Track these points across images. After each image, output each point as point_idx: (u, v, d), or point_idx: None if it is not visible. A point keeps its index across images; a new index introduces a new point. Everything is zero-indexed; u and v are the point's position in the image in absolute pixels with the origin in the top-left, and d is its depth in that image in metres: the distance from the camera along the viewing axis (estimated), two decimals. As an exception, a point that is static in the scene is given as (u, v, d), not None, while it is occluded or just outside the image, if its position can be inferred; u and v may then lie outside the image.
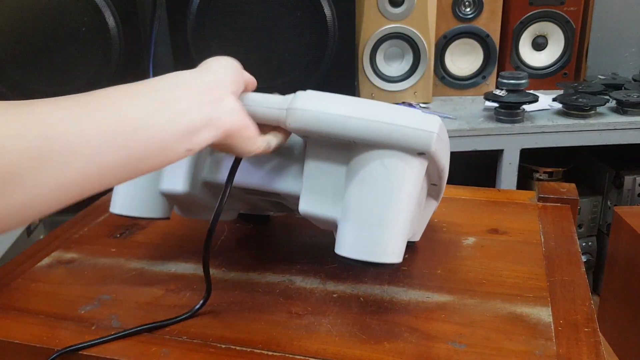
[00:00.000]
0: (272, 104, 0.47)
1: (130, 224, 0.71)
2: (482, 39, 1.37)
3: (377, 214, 0.46)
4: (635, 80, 1.42)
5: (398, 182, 0.46)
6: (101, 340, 0.48)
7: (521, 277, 0.58)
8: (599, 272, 1.46)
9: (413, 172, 0.46)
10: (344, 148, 0.48)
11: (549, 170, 1.43)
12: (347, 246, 0.47)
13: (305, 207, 0.49)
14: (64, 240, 0.68)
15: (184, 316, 0.51)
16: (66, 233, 0.69)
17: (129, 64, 1.22)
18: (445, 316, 0.51)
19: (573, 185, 0.77)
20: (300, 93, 0.46)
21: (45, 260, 0.63)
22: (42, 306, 0.54)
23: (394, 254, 0.47)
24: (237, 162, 0.49)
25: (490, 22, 1.36)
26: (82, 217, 0.74)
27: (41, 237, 1.10)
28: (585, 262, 1.44)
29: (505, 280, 0.57)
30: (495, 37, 1.37)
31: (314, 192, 0.49)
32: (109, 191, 0.81)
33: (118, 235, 0.68)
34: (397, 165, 0.46)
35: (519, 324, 0.50)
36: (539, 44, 1.42)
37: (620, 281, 0.82)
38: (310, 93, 0.46)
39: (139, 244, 0.66)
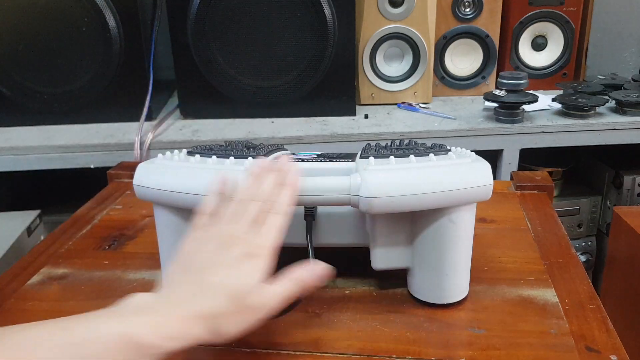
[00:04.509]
0: (336, 190, 0.48)
1: (117, 235, 0.70)
2: (482, 39, 1.38)
3: (450, 263, 0.51)
4: (634, 80, 1.43)
5: (464, 232, 0.51)
6: None
7: (519, 262, 0.60)
8: (599, 272, 1.47)
9: (472, 216, 0.51)
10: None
11: (549, 170, 1.43)
12: (425, 293, 0.53)
13: (378, 264, 0.53)
14: (50, 255, 0.65)
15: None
16: (50, 248, 0.67)
17: (129, 64, 1.22)
18: (458, 304, 0.53)
19: (546, 173, 0.80)
20: (365, 177, 0.47)
21: (35, 278, 0.61)
22: None
23: (466, 289, 0.53)
24: (309, 223, 0.52)
25: (490, 22, 1.36)
26: (64, 230, 0.71)
27: (42, 237, 1.10)
28: (584, 262, 1.45)
29: (505, 265, 0.59)
30: (495, 37, 1.38)
31: (383, 250, 0.52)
32: (86, 200, 0.81)
33: (107, 247, 0.67)
34: (462, 217, 0.50)
35: (528, 306, 0.52)
36: (539, 44, 1.42)
37: (620, 281, 0.82)
38: (373, 176, 0.47)
39: (132, 255, 0.65)
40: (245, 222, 0.43)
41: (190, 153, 0.55)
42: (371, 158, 0.51)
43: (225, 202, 0.45)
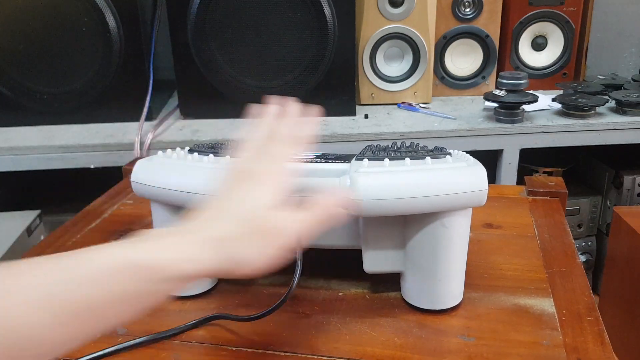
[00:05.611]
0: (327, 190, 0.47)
1: (124, 230, 0.70)
2: (482, 39, 1.37)
3: (443, 268, 0.50)
4: (634, 80, 1.43)
5: (458, 237, 0.50)
6: (110, 350, 0.47)
7: (520, 269, 0.59)
8: (599, 272, 1.47)
9: (467, 221, 0.50)
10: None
11: (549, 170, 1.44)
12: (418, 298, 0.52)
13: (370, 267, 0.52)
14: (57, 247, 0.66)
15: (198, 320, 0.51)
16: (59, 240, 0.68)
17: (129, 64, 1.22)
18: (451, 310, 0.52)
19: (560, 178, 0.78)
20: (354, 179, 0.47)
21: None
22: None
23: (460, 296, 0.52)
24: None
25: (490, 22, 1.36)
26: (74, 223, 0.72)
27: (42, 237, 1.10)
28: (584, 262, 1.45)
29: (505, 273, 0.58)
30: (495, 37, 1.37)
31: (375, 254, 0.52)
32: (98, 196, 0.81)
33: (113, 241, 0.67)
34: (455, 221, 0.49)
35: (523, 315, 0.51)
36: (539, 44, 1.42)
37: (620, 281, 0.83)
38: (363, 178, 0.47)
39: None
40: (260, 156, 0.45)
41: (190, 151, 0.56)
42: (365, 160, 0.50)
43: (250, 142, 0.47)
